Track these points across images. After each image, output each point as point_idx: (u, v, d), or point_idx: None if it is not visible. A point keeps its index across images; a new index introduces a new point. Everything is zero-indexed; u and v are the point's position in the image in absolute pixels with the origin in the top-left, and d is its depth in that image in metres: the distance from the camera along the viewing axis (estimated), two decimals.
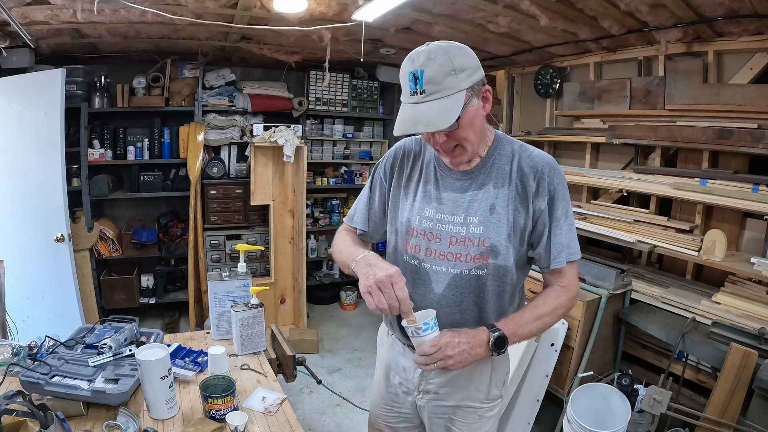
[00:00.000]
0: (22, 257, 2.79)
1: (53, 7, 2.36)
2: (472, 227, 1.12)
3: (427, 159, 1.22)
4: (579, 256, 1.16)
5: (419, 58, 1.00)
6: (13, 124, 2.80)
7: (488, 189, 1.13)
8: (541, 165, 1.12)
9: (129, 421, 1.21)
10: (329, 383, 3.03)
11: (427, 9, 2.52)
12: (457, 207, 1.14)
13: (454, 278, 1.14)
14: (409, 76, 1.02)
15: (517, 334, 1.10)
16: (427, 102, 1.01)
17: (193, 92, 3.68)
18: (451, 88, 1.01)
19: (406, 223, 1.19)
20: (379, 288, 1.01)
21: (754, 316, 2.06)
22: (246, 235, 3.85)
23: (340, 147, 4.41)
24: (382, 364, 1.39)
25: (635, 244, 2.50)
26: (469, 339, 1.06)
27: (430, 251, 1.16)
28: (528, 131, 3.64)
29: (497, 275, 1.14)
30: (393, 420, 1.38)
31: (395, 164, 1.27)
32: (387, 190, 1.28)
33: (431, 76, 1.00)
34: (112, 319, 1.62)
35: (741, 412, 1.88)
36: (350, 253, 1.17)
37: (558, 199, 1.12)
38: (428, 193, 1.19)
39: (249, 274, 1.77)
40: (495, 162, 1.15)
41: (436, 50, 1.00)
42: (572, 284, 1.17)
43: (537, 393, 2.35)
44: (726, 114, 2.31)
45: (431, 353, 1.03)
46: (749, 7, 2.03)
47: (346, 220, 1.37)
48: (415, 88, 1.01)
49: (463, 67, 1.02)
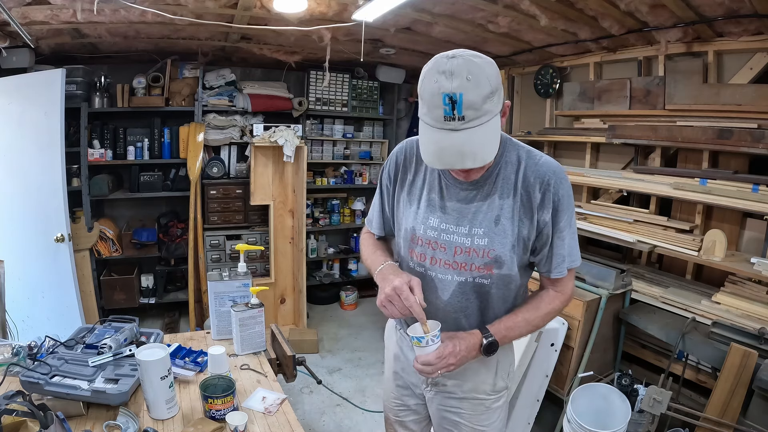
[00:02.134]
0: (22, 257, 2.79)
1: (53, 7, 2.36)
2: (476, 239, 1.11)
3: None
4: (579, 262, 1.16)
5: (455, 78, 0.89)
6: (13, 124, 2.80)
7: (493, 200, 1.11)
8: (548, 175, 1.09)
9: (129, 421, 1.21)
10: (329, 383, 3.03)
11: (427, 9, 2.52)
12: (462, 218, 1.13)
13: (459, 285, 1.15)
14: (443, 99, 0.90)
15: (507, 337, 1.16)
16: (466, 130, 0.92)
17: (193, 92, 3.68)
18: (490, 112, 0.93)
19: (411, 231, 1.19)
20: (390, 300, 1.08)
21: (754, 316, 2.06)
22: (246, 235, 3.85)
23: (340, 147, 4.41)
24: (390, 359, 1.42)
25: (635, 244, 2.51)
26: (467, 344, 1.11)
27: (435, 260, 1.16)
28: (528, 131, 3.64)
29: (502, 283, 1.15)
30: (402, 413, 1.41)
31: (398, 169, 1.25)
32: (392, 194, 1.28)
33: (472, 102, 0.90)
34: (112, 319, 1.62)
35: (741, 412, 1.88)
36: (372, 262, 1.25)
37: (562, 211, 1.10)
38: (432, 202, 1.17)
39: (249, 274, 1.77)
40: (501, 171, 1.11)
41: (473, 69, 0.90)
42: (567, 289, 1.20)
43: (537, 393, 2.35)
44: (726, 114, 2.31)
45: (436, 363, 1.07)
46: (749, 7, 2.03)
47: (366, 224, 1.40)
48: (451, 114, 0.90)
49: (497, 87, 0.94)
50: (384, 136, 4.62)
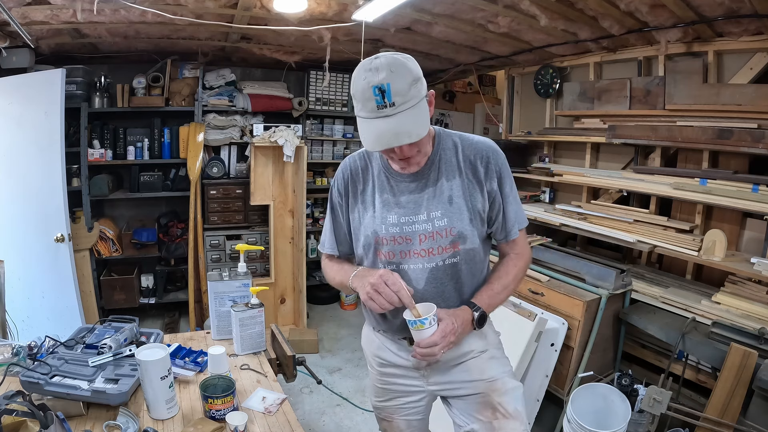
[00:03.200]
0: (22, 257, 2.79)
1: (53, 7, 2.36)
2: (436, 221, 1.19)
3: (377, 171, 1.26)
4: (527, 223, 1.29)
5: (380, 72, 1.02)
6: (13, 124, 2.80)
7: (442, 183, 1.20)
8: (485, 150, 1.22)
9: (129, 421, 1.21)
10: (329, 383, 3.03)
11: (427, 9, 2.52)
12: (418, 206, 1.20)
13: (431, 272, 1.21)
14: (373, 90, 1.02)
15: (491, 305, 1.23)
16: (399, 114, 1.03)
17: (193, 92, 3.68)
18: (416, 97, 1.05)
19: (373, 235, 1.23)
20: (376, 290, 1.10)
21: (754, 316, 2.06)
22: (246, 235, 3.85)
23: (340, 147, 4.41)
24: (374, 364, 1.40)
25: (635, 244, 2.51)
26: (461, 320, 1.16)
27: (403, 253, 1.21)
28: (528, 131, 3.64)
29: (469, 258, 1.22)
30: (397, 413, 1.40)
31: (347, 184, 1.30)
32: (345, 210, 1.32)
33: (399, 88, 1.02)
34: (112, 319, 1.62)
35: (741, 412, 1.88)
36: (343, 275, 1.27)
37: (505, 177, 1.23)
38: (386, 201, 1.23)
39: (249, 274, 1.77)
40: (441, 157, 1.22)
41: (394, 63, 1.03)
42: (524, 249, 1.31)
43: (537, 393, 2.35)
44: (726, 114, 2.31)
45: (441, 342, 1.10)
46: (749, 7, 2.04)
47: (321, 249, 1.42)
48: (383, 102, 1.02)
49: (419, 76, 1.06)
50: None
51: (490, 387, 1.27)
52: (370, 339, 1.41)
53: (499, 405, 1.26)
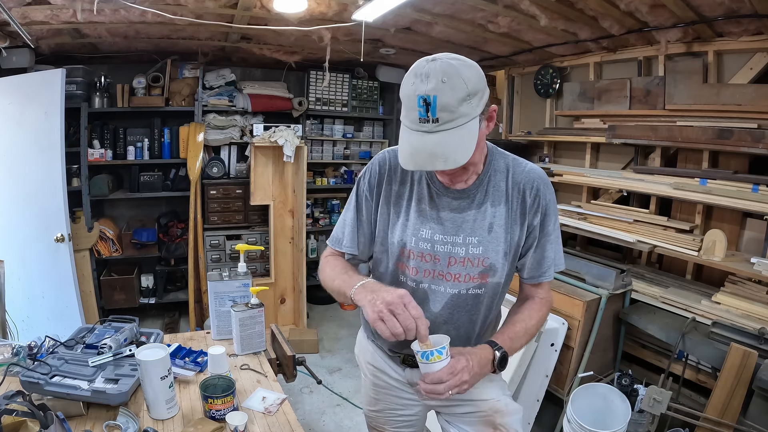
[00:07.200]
0: (22, 257, 2.79)
1: (53, 7, 2.36)
2: (471, 248, 1.10)
3: (418, 175, 1.15)
4: (563, 266, 1.19)
5: (430, 81, 0.88)
6: (13, 124, 2.80)
7: (486, 208, 1.11)
8: (537, 181, 1.11)
9: (129, 421, 1.21)
10: (329, 383, 3.03)
11: (427, 9, 2.52)
12: (457, 227, 1.10)
13: (452, 298, 1.13)
14: (418, 101, 0.89)
15: (512, 349, 1.11)
16: (440, 132, 0.91)
17: (193, 92, 3.68)
18: (466, 115, 0.91)
19: (400, 245, 1.13)
20: (391, 311, 0.94)
21: (754, 316, 2.06)
22: (246, 235, 3.85)
23: (340, 147, 4.41)
24: (367, 373, 1.36)
25: (635, 244, 2.50)
26: (479, 359, 1.04)
27: (428, 272, 1.12)
28: (528, 131, 3.64)
29: (493, 293, 1.15)
30: (389, 424, 1.36)
31: (381, 180, 1.17)
32: (374, 209, 1.19)
33: (446, 104, 0.89)
34: (112, 319, 1.62)
35: (741, 412, 1.88)
36: (345, 281, 1.10)
37: (550, 213, 1.13)
38: (423, 212, 1.12)
39: (249, 274, 1.76)
40: (491, 179, 1.11)
41: (449, 71, 0.89)
42: (549, 295, 1.22)
43: (537, 393, 2.35)
44: (726, 114, 2.31)
45: (448, 379, 0.98)
46: (749, 7, 2.03)
47: (333, 245, 1.25)
48: (426, 116, 0.90)
49: (476, 89, 0.92)
50: (384, 136, 4.62)
51: (492, 407, 1.21)
52: (364, 347, 1.36)
53: (501, 426, 1.20)
